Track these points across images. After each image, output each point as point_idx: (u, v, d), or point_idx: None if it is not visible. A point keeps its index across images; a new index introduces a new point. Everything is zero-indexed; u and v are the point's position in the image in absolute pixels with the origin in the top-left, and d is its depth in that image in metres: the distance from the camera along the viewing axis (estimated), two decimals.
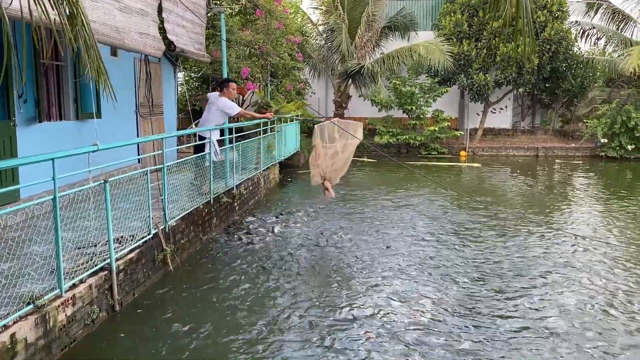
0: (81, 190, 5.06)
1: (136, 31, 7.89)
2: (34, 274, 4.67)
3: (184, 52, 10.05)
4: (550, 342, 4.87)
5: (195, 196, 7.92)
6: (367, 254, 7.46)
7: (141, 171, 6.34)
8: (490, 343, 4.83)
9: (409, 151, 20.88)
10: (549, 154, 21.39)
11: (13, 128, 6.72)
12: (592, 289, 6.21)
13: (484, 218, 9.81)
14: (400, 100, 20.14)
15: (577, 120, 23.48)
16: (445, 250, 7.73)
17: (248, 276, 6.58)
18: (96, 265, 5.12)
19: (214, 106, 8.54)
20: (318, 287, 6.21)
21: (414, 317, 5.36)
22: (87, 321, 4.85)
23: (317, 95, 22.16)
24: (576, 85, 20.99)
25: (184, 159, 7.76)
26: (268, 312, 5.50)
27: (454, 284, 6.31)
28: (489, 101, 21.43)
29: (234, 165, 9.67)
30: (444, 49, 19.22)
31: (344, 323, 5.21)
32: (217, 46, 12.89)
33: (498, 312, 5.51)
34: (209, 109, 8.62)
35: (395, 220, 9.61)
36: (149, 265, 6.16)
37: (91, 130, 7.71)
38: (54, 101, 7.60)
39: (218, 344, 4.82)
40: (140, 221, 6.22)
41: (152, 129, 10.63)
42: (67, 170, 4.82)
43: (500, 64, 19.70)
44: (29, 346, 4.04)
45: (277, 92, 16.60)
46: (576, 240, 8.27)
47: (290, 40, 16.54)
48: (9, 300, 4.11)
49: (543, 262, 7.19)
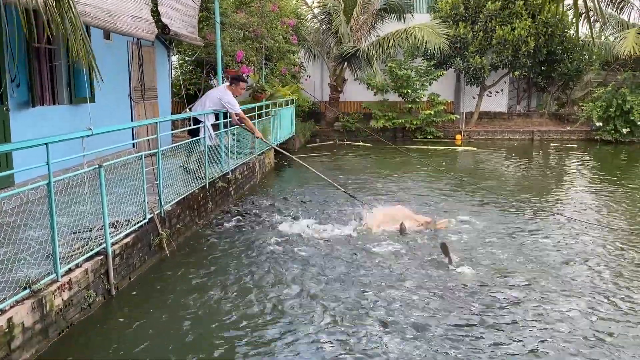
0: (76, 175, 5.05)
1: (129, 14, 7.82)
2: (29, 259, 4.68)
3: (178, 36, 9.97)
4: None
5: (191, 181, 7.92)
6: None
7: (136, 155, 6.32)
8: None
9: (405, 135, 20.85)
10: (544, 137, 21.41)
11: (6, 113, 6.68)
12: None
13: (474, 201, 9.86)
14: (396, 84, 20.06)
15: (572, 104, 23.46)
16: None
17: (243, 260, 6.61)
18: (92, 250, 5.13)
19: (217, 93, 8.52)
20: (316, 266, 6.25)
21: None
22: (84, 305, 4.87)
23: (312, 79, 22.02)
24: (572, 68, 20.93)
25: (178, 144, 7.73)
26: (266, 294, 5.54)
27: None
28: (485, 84, 21.38)
29: (229, 150, 9.65)
30: (440, 32, 19.10)
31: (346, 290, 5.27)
32: (211, 29, 12.78)
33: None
34: (210, 95, 8.60)
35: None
36: (144, 250, 6.17)
37: (85, 114, 7.66)
38: (47, 85, 7.54)
39: (215, 327, 4.85)
40: (135, 206, 6.22)
41: (146, 113, 10.58)
42: (61, 154, 4.80)
43: (497, 47, 19.61)
44: (26, 330, 4.06)
45: (271, 75, 16.50)
46: (569, 222, 8.34)
47: (285, 23, 16.39)
48: (5, 285, 4.12)
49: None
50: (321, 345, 4.52)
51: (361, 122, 20.44)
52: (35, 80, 7.21)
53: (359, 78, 20.46)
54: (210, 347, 4.50)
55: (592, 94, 21.43)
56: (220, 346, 4.52)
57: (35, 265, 4.59)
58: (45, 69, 7.49)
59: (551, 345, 4.53)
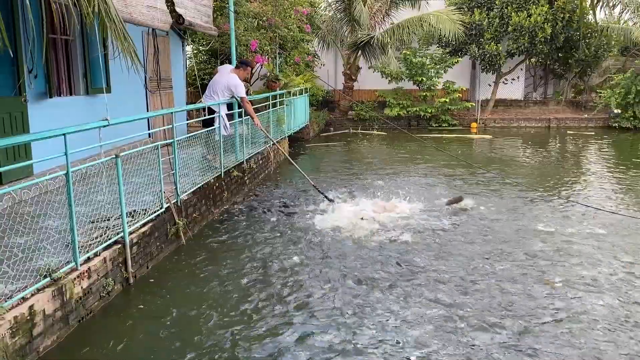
0: (93, 165, 5.11)
1: (144, 4, 7.84)
2: (49, 248, 4.75)
3: (192, 26, 9.98)
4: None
5: (206, 170, 7.96)
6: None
7: (152, 145, 6.37)
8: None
9: (420, 123, 20.73)
10: (561, 125, 21.14)
11: (24, 104, 6.76)
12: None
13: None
14: (411, 72, 19.92)
15: (590, 91, 23.10)
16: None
17: (260, 248, 6.65)
18: (110, 239, 5.20)
19: (224, 80, 8.50)
20: (332, 258, 6.27)
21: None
22: (103, 293, 4.95)
23: (326, 67, 21.92)
24: (590, 54, 20.55)
25: (193, 133, 7.77)
26: (282, 282, 5.58)
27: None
28: (500, 72, 21.12)
29: (244, 140, 9.68)
30: (455, 19, 18.88)
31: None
32: (226, 19, 12.77)
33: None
34: (218, 82, 8.57)
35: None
36: (161, 239, 6.24)
37: (101, 105, 7.71)
38: (63, 76, 7.61)
39: (233, 315, 4.90)
40: (152, 195, 6.28)
41: (162, 104, 10.64)
42: (79, 145, 4.85)
43: (513, 34, 19.34)
44: (47, 317, 4.14)
45: (285, 64, 16.47)
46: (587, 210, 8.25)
47: (299, 12, 16.33)
48: (26, 274, 4.21)
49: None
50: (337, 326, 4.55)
51: (375, 111, 20.35)
52: (52, 71, 7.28)
53: (373, 66, 20.34)
54: (229, 336, 4.53)
55: (611, 81, 21.07)
56: (239, 334, 4.56)
57: (55, 254, 4.67)
58: (61, 60, 7.56)
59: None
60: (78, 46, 7.96)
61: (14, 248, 4.60)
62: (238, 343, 4.42)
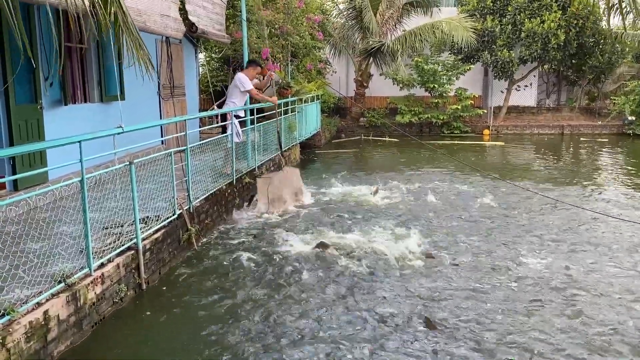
0: (107, 171, 5.16)
1: (157, 13, 7.94)
2: (64, 254, 4.80)
3: (205, 34, 10.07)
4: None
5: (218, 177, 8.01)
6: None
7: (165, 152, 6.42)
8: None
9: (431, 130, 20.68)
10: (574, 132, 20.98)
11: (40, 111, 6.85)
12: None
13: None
14: (423, 79, 19.90)
15: (604, 98, 22.92)
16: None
17: (270, 255, 6.66)
18: (123, 245, 5.24)
19: (235, 82, 8.59)
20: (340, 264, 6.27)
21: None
22: (116, 299, 4.98)
23: (338, 74, 21.97)
24: (604, 61, 20.40)
25: (206, 140, 7.82)
26: (296, 288, 5.58)
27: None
28: (513, 78, 21.03)
29: (256, 146, 9.73)
30: (468, 25, 18.83)
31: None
32: (238, 26, 12.86)
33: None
34: (231, 87, 8.66)
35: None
36: (174, 245, 6.28)
37: (115, 112, 7.81)
38: (78, 84, 7.71)
39: (243, 321, 4.91)
40: (165, 202, 6.33)
41: (175, 111, 10.73)
42: (93, 152, 4.90)
43: (526, 40, 19.26)
44: (61, 323, 4.18)
45: (297, 71, 16.53)
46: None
47: (311, 19, 16.40)
48: (41, 279, 4.25)
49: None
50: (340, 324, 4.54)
51: (387, 118, 20.34)
52: (67, 79, 7.38)
53: (385, 73, 20.34)
54: (240, 343, 4.54)
55: (625, 87, 20.89)
56: (250, 342, 4.57)
57: (69, 259, 4.71)
58: (76, 67, 7.66)
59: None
60: (93, 54, 8.07)
61: (29, 254, 4.66)
62: (251, 353, 4.42)
